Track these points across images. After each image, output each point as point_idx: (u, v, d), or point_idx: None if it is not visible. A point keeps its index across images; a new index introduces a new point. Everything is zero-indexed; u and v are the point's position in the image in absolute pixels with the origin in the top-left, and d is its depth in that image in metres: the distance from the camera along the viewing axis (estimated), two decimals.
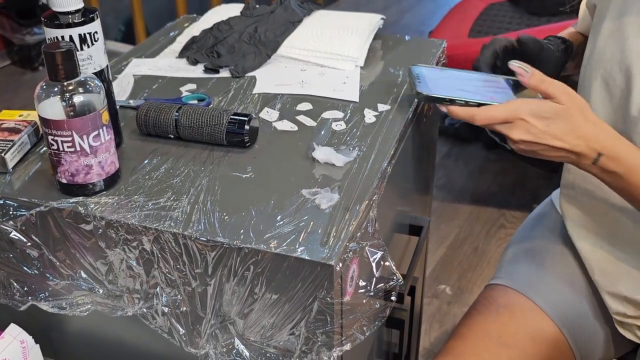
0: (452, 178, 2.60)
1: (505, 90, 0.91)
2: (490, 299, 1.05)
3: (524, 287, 1.04)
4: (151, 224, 0.74)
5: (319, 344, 0.74)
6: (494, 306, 1.03)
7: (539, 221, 1.18)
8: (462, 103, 0.87)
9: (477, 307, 1.05)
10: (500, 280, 1.08)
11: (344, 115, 0.95)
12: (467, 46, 2.14)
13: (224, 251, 0.72)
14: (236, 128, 0.86)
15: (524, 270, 1.08)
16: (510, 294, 1.04)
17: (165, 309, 0.79)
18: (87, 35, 0.80)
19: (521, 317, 1.01)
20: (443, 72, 0.97)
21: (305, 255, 0.69)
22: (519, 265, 1.09)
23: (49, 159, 0.78)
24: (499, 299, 1.04)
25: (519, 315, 1.01)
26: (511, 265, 1.11)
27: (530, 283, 1.05)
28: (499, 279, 1.09)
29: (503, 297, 1.04)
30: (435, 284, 2.09)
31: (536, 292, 1.03)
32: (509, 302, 1.03)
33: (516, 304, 1.02)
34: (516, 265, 1.10)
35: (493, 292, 1.06)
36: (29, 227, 0.80)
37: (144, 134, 0.91)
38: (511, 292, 1.04)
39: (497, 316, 1.01)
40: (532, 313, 1.01)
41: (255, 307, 0.74)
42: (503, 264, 1.13)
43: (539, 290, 1.03)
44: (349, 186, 0.79)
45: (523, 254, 1.12)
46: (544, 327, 1.01)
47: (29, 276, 0.84)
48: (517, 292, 1.04)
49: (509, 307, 1.02)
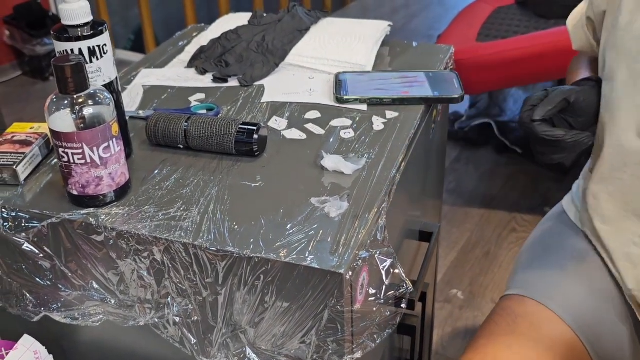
0: (463, 182, 2.60)
1: (422, 84, 1.01)
2: (507, 310, 1.03)
3: (540, 296, 1.03)
4: (162, 235, 0.74)
5: (330, 352, 0.74)
6: (511, 317, 1.01)
7: (550, 228, 1.17)
8: (377, 101, 0.98)
9: (494, 318, 1.03)
10: (516, 290, 1.06)
11: (352, 122, 0.95)
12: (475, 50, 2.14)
13: (234, 261, 0.72)
14: (245, 137, 0.87)
15: (540, 279, 1.06)
16: (527, 304, 1.02)
17: (176, 318, 0.79)
18: (96, 47, 0.80)
19: (539, 327, 0.99)
20: (365, 75, 1.06)
21: (315, 264, 0.69)
22: (534, 274, 1.08)
23: (60, 171, 0.79)
24: (516, 309, 1.02)
25: (537, 325, 0.99)
26: (526, 274, 1.09)
27: (547, 291, 1.03)
28: (514, 288, 1.07)
29: (520, 307, 1.02)
30: (447, 289, 2.09)
31: (554, 300, 1.01)
32: (526, 312, 1.01)
33: (534, 313, 1.01)
34: (531, 274, 1.08)
35: (510, 303, 1.04)
36: (41, 239, 0.81)
37: (153, 145, 0.92)
38: (528, 302, 1.03)
39: (515, 327, 0.99)
40: (551, 322, 1.00)
41: (266, 316, 0.75)
42: (517, 273, 1.12)
43: (556, 298, 1.02)
44: (358, 194, 0.79)
45: (537, 262, 1.10)
46: (563, 336, 0.99)
47: (42, 287, 0.84)
48: (534, 300, 1.02)
49: (526, 318, 1.00)
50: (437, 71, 1.07)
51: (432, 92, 0.99)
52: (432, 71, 1.06)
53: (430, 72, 1.05)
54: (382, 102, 0.98)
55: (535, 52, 2.02)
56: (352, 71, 1.08)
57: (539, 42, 2.05)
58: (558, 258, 1.09)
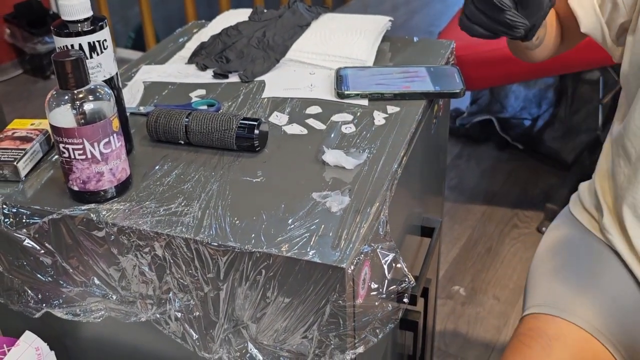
0: (464, 178, 2.59)
1: (424, 79, 1.01)
2: (538, 331, 0.98)
3: (569, 313, 0.98)
4: (163, 230, 0.74)
5: (332, 347, 0.74)
6: (544, 339, 0.96)
7: (563, 236, 1.12)
8: (378, 96, 0.98)
9: (524, 340, 0.98)
10: (542, 309, 1.01)
11: (353, 117, 0.95)
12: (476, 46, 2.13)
13: (235, 255, 0.72)
14: (246, 132, 0.87)
15: (564, 293, 1.01)
16: (558, 323, 0.98)
17: (178, 314, 0.79)
18: (96, 43, 0.80)
19: (575, 347, 0.95)
20: (366, 70, 1.06)
21: (316, 259, 0.69)
22: (557, 288, 1.03)
23: (61, 167, 0.78)
24: (547, 330, 0.97)
25: (571, 345, 0.95)
26: (549, 290, 1.04)
27: (574, 307, 0.99)
28: (539, 306, 1.02)
29: (551, 327, 0.97)
30: (449, 285, 2.09)
31: (583, 316, 0.97)
32: (558, 332, 0.97)
33: (566, 333, 0.96)
34: (555, 289, 1.03)
35: (539, 323, 0.99)
36: (42, 235, 0.80)
37: (154, 140, 0.91)
38: (558, 321, 0.98)
39: (551, 351, 0.94)
40: (587, 342, 0.96)
41: (267, 311, 0.74)
42: (536, 289, 1.06)
43: (585, 314, 0.97)
44: (359, 189, 0.79)
45: (557, 275, 1.05)
46: (598, 354, 0.95)
47: (43, 283, 0.84)
48: (564, 320, 0.98)
49: (560, 339, 0.96)
50: (438, 66, 1.07)
51: (433, 86, 0.99)
52: (433, 66, 1.06)
53: (432, 66, 1.05)
54: (383, 97, 0.98)
55: None
56: (352, 66, 1.07)
57: None
58: (577, 267, 1.05)
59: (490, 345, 1.86)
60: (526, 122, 2.75)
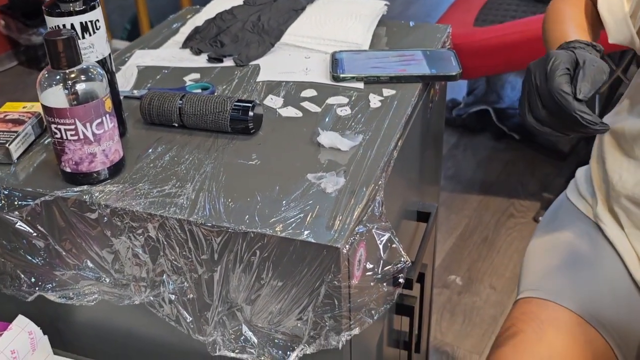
0: (461, 168, 2.59)
1: (420, 62, 1.01)
2: (531, 315, 0.98)
3: (562, 298, 0.98)
4: (156, 211, 0.74)
5: (327, 329, 0.73)
6: (536, 323, 0.96)
7: (560, 222, 1.11)
8: (374, 79, 0.97)
9: (517, 324, 0.97)
10: (535, 293, 1.01)
11: (348, 100, 0.94)
12: (472, 35, 2.13)
13: (229, 236, 0.71)
14: (240, 115, 0.86)
15: (557, 278, 1.01)
16: (551, 307, 0.97)
17: (172, 296, 0.78)
18: (88, 23, 0.79)
19: (567, 331, 0.95)
20: (362, 54, 1.06)
21: (311, 239, 0.68)
22: (551, 273, 1.03)
23: (53, 148, 0.78)
24: (540, 314, 0.97)
25: (564, 330, 0.95)
26: (541, 273, 1.04)
27: (568, 291, 0.99)
28: (532, 290, 1.02)
29: (544, 312, 0.97)
30: (445, 274, 2.08)
31: (576, 301, 0.97)
32: (551, 316, 0.96)
33: (559, 317, 0.96)
34: (547, 273, 1.03)
35: (531, 307, 0.99)
36: (34, 217, 0.80)
37: (148, 123, 0.91)
38: (551, 305, 0.98)
39: (543, 335, 0.94)
40: (579, 327, 0.95)
41: (262, 292, 0.74)
42: (531, 272, 1.06)
43: (581, 301, 0.97)
44: (354, 170, 0.79)
45: (551, 260, 1.05)
46: (590, 339, 0.95)
47: (36, 267, 0.83)
48: (556, 304, 0.97)
49: (553, 323, 0.95)
50: (434, 49, 1.06)
51: (429, 69, 0.98)
52: (429, 49, 1.05)
53: (428, 50, 1.04)
54: (379, 80, 0.97)
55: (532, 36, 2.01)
56: (348, 50, 1.06)
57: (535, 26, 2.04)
58: (571, 252, 1.05)
59: (486, 334, 1.86)
60: None
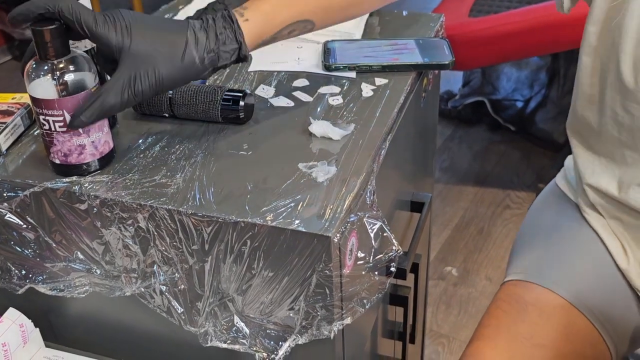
0: (456, 160, 2.59)
1: (412, 51, 1.00)
2: (515, 297, 0.98)
3: (546, 280, 0.98)
4: (146, 201, 0.73)
5: (319, 319, 0.73)
6: (520, 304, 0.97)
7: (546, 206, 1.13)
8: (366, 68, 0.96)
9: (501, 306, 0.98)
10: (521, 275, 1.02)
11: (340, 90, 0.94)
12: (467, 25, 2.12)
13: (219, 226, 0.71)
14: (231, 104, 0.85)
15: (543, 262, 1.02)
16: (534, 289, 0.98)
17: (163, 287, 0.78)
18: None
19: (551, 314, 0.95)
20: (354, 43, 1.05)
21: (301, 228, 0.68)
22: (537, 257, 1.04)
23: (42, 140, 0.77)
24: (524, 295, 0.98)
25: (548, 312, 0.95)
26: (528, 257, 1.05)
27: (553, 274, 0.99)
28: (519, 274, 1.03)
29: (529, 293, 0.98)
30: (441, 266, 2.08)
31: (560, 283, 0.98)
32: (534, 298, 0.97)
33: (542, 299, 0.97)
34: (533, 256, 1.04)
35: (516, 289, 1.00)
36: (24, 209, 0.79)
37: (138, 114, 0.90)
38: (534, 287, 0.98)
39: (526, 315, 0.95)
40: (563, 309, 0.96)
41: (253, 282, 0.73)
42: (518, 256, 1.07)
43: (563, 282, 0.98)
44: (346, 159, 0.78)
45: (538, 245, 1.06)
46: (575, 322, 0.96)
47: (26, 259, 0.83)
48: (540, 286, 0.98)
49: (536, 304, 0.96)
50: (427, 38, 1.05)
51: (422, 58, 0.98)
52: (422, 38, 1.04)
53: (421, 39, 1.04)
54: (371, 69, 0.97)
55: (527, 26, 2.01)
56: (340, 39, 1.06)
57: (530, 16, 2.04)
58: (558, 237, 1.05)
59: None
60: (518, 104, 2.74)
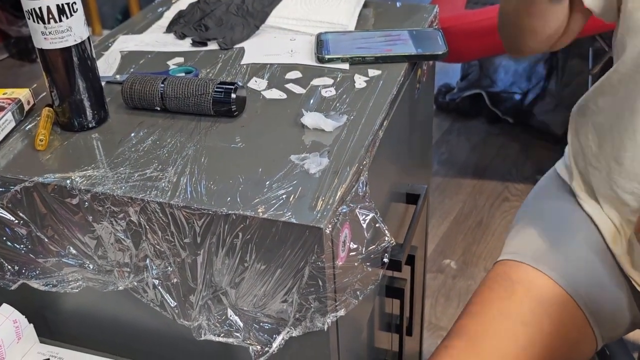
0: (455, 153, 2.58)
1: (406, 42, 0.99)
2: (503, 275, 1.00)
3: (537, 261, 1.00)
4: (137, 195, 0.73)
5: (312, 311, 0.72)
6: (508, 283, 0.98)
7: (545, 193, 1.14)
8: (359, 60, 0.96)
9: (489, 284, 1.00)
10: (512, 256, 1.03)
11: (333, 81, 0.93)
12: (463, 17, 2.11)
13: (211, 219, 0.70)
14: (223, 97, 0.85)
15: (536, 244, 1.03)
16: (524, 269, 0.99)
17: (155, 281, 0.77)
18: (65, 5, 0.78)
19: (537, 293, 0.97)
20: (347, 35, 1.04)
21: (293, 220, 0.68)
22: (529, 239, 1.05)
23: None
24: (512, 275, 0.99)
25: (534, 291, 0.97)
26: (521, 239, 1.06)
27: (544, 256, 1.00)
28: (509, 254, 1.04)
29: (516, 272, 0.99)
30: (439, 259, 2.08)
31: (550, 265, 0.99)
32: (523, 277, 0.98)
33: (531, 279, 0.98)
34: (525, 239, 1.06)
35: (505, 268, 1.01)
36: (15, 204, 0.79)
37: (130, 108, 0.89)
38: (524, 267, 1.00)
39: (512, 293, 0.96)
40: (548, 288, 0.97)
41: (246, 275, 0.73)
42: (512, 238, 1.09)
43: (553, 264, 0.99)
44: (338, 151, 0.78)
45: (531, 227, 1.07)
46: (562, 304, 0.97)
47: (19, 254, 0.83)
48: (530, 266, 0.99)
49: (523, 283, 0.97)
50: (420, 29, 1.05)
51: (415, 49, 0.97)
52: (415, 29, 1.04)
53: (414, 29, 1.03)
54: (364, 61, 0.96)
55: None
56: (334, 31, 1.05)
57: None
58: (552, 221, 1.07)
59: None
60: (516, 96, 2.73)
